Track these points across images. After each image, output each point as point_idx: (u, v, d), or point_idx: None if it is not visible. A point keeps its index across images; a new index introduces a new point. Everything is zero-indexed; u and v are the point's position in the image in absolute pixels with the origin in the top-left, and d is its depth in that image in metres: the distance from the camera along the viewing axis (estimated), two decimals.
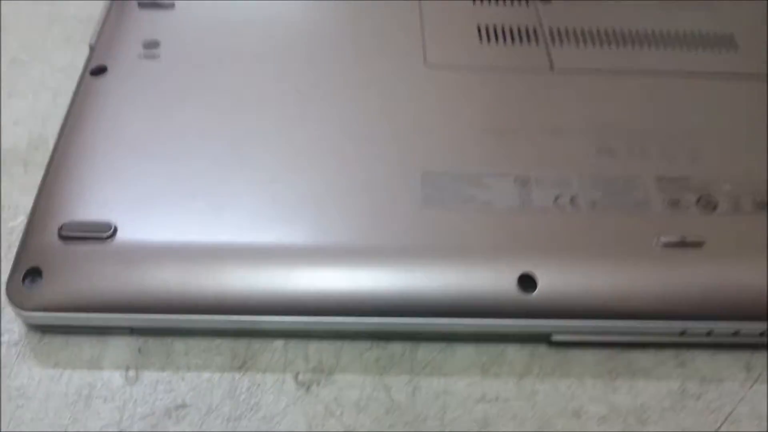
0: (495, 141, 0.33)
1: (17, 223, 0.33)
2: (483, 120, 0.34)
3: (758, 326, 0.29)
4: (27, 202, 0.32)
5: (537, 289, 0.29)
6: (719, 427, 0.28)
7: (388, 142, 0.33)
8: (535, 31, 0.38)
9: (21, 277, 0.28)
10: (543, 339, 0.30)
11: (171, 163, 0.31)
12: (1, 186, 0.34)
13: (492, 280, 0.29)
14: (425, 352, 0.30)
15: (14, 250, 0.30)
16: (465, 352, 0.30)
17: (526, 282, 0.29)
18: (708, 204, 0.31)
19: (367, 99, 0.34)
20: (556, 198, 0.31)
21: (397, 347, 0.30)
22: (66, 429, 0.27)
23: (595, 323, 0.29)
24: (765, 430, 0.28)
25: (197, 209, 0.30)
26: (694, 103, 0.35)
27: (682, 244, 0.30)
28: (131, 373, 0.29)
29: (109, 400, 0.28)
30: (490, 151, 0.33)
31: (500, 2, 0.40)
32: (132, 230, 0.29)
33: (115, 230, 0.29)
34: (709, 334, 0.29)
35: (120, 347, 0.29)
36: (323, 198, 0.31)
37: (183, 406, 0.28)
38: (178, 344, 0.29)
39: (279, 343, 0.30)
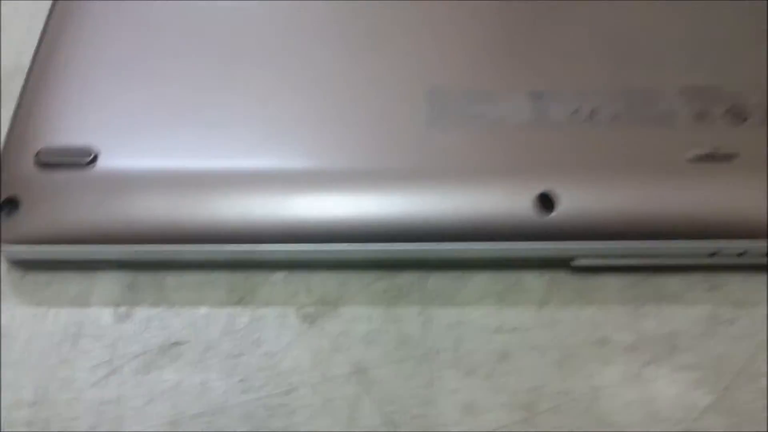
0: (505, 54, 0.30)
1: None
2: (492, 33, 0.31)
3: None
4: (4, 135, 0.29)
5: (556, 209, 0.27)
6: (754, 353, 0.26)
7: (390, 58, 0.30)
8: None
9: None
10: (563, 264, 0.28)
11: (155, 84, 0.28)
12: None
13: (507, 200, 0.27)
14: (436, 281, 0.28)
15: None
16: (479, 280, 0.28)
17: (544, 201, 0.27)
18: (738, 115, 0.29)
19: (367, 12, 0.32)
20: (575, 112, 0.29)
21: (406, 277, 0.28)
22: (53, 370, 0.25)
23: (619, 245, 0.27)
24: None
25: (185, 132, 0.27)
26: (719, 10, 0.32)
27: (712, 157, 0.27)
28: (121, 309, 0.27)
29: (98, 338, 0.26)
30: (501, 65, 0.30)
31: None
32: (115, 155, 0.27)
33: (96, 156, 0.27)
34: (741, 254, 0.27)
35: (108, 283, 0.27)
36: (322, 118, 0.28)
37: (178, 343, 0.26)
38: (171, 279, 0.27)
39: (279, 276, 0.28)
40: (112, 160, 0.27)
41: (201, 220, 0.26)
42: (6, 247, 0.26)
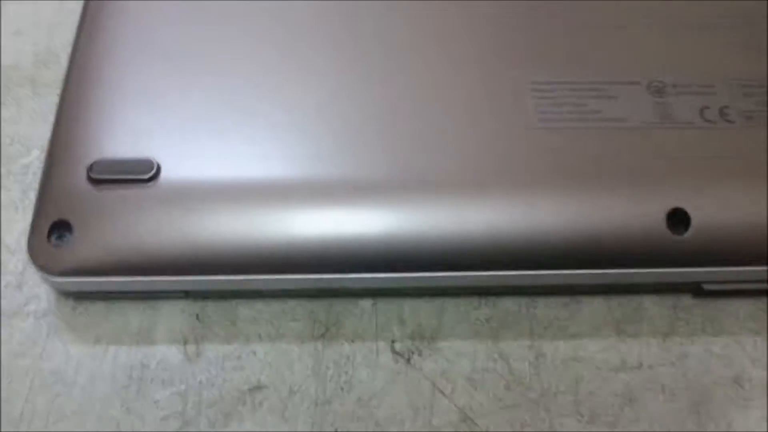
0: (618, 39, 0.26)
1: (31, 159, 0.27)
2: (602, 14, 0.27)
3: None
4: (40, 132, 0.26)
5: (691, 228, 0.23)
6: None
7: (488, 48, 0.26)
8: None
9: (46, 234, 0.22)
10: (688, 288, 0.24)
11: (221, 81, 0.25)
12: (4, 113, 0.28)
13: (633, 218, 0.23)
14: (546, 309, 0.24)
15: (31, 195, 0.24)
16: (593, 307, 0.24)
17: (677, 219, 0.23)
18: None
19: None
20: (703, 109, 0.25)
21: (510, 304, 0.24)
22: (118, 422, 0.22)
23: (761, 269, 0.23)
24: None
25: (260, 140, 0.23)
26: None
27: None
28: (191, 347, 0.23)
29: (167, 383, 0.23)
30: (614, 51, 0.26)
31: None
32: (180, 169, 0.23)
33: (159, 169, 0.23)
34: None
35: (174, 315, 0.24)
36: (414, 120, 0.24)
37: (259, 387, 0.23)
38: (244, 309, 0.24)
39: (366, 304, 0.24)
40: (177, 174, 0.23)
41: (280, 245, 0.22)
42: (57, 279, 0.22)
